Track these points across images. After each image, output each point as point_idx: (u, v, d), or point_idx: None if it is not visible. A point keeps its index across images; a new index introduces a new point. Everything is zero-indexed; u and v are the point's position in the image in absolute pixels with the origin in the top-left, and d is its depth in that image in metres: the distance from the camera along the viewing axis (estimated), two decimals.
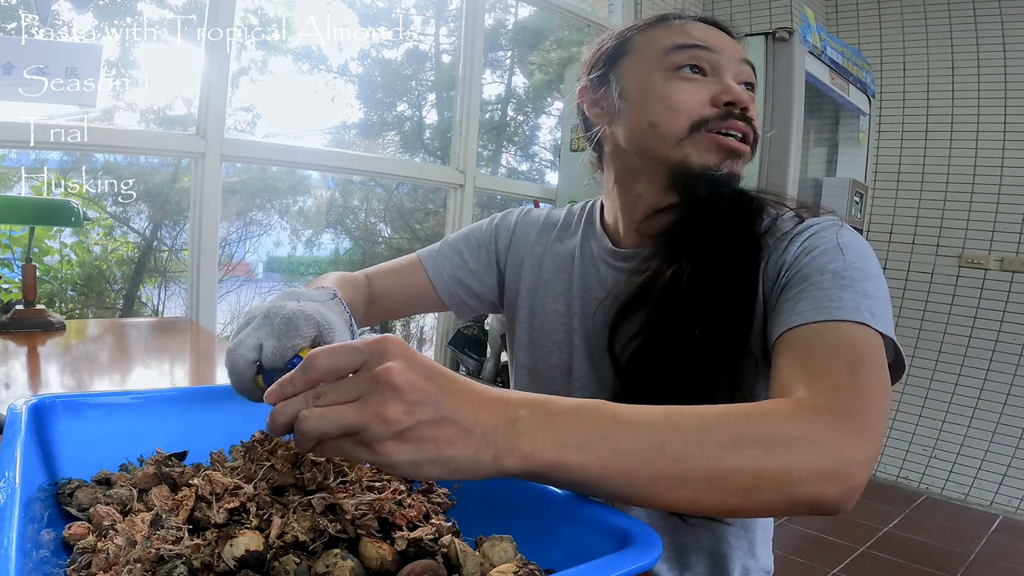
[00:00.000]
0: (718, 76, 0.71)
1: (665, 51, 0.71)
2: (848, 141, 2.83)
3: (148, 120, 2.30)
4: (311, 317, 0.52)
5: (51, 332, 1.27)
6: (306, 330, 0.51)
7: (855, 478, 0.45)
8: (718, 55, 0.71)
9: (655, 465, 0.41)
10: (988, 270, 2.84)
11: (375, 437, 0.37)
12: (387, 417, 0.36)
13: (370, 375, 0.38)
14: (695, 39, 0.71)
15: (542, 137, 3.53)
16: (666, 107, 0.70)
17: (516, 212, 0.92)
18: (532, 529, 0.43)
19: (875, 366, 0.53)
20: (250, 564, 0.36)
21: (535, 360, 0.84)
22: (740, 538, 0.77)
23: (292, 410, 0.38)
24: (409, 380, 0.37)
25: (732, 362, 0.65)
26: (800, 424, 0.46)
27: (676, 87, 0.70)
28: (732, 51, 0.72)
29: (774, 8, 3.00)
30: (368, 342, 0.39)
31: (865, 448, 0.46)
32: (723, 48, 0.72)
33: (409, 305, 0.90)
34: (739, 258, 0.67)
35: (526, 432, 0.40)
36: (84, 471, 0.51)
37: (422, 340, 3.42)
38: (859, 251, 0.63)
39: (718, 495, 0.43)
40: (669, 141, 0.71)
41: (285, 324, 0.51)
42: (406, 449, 0.37)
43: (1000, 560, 2.35)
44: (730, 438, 0.43)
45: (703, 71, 0.71)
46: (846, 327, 0.55)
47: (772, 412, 0.46)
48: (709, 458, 0.42)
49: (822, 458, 0.45)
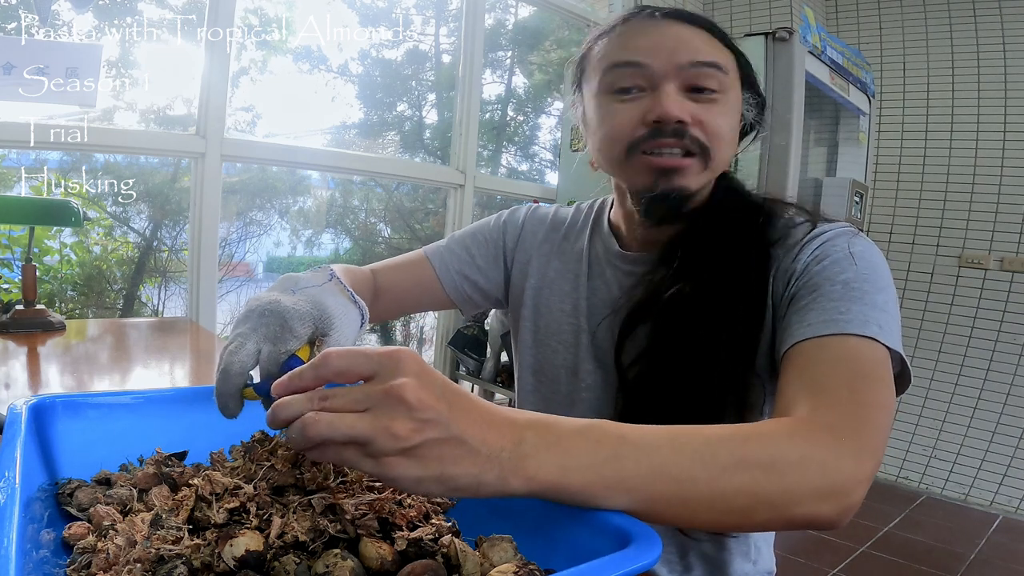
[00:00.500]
0: (656, 89, 0.67)
1: (605, 71, 0.70)
2: (848, 141, 2.82)
3: (148, 120, 2.30)
4: (306, 315, 0.52)
5: (51, 332, 1.27)
6: (301, 331, 0.51)
7: (851, 496, 0.46)
8: (650, 69, 0.67)
9: (657, 487, 0.42)
10: (988, 270, 2.84)
11: (381, 451, 0.36)
12: (396, 433, 0.36)
13: (383, 388, 0.37)
14: (628, 54, 0.68)
15: (542, 137, 3.54)
16: (605, 134, 0.70)
17: (524, 209, 0.91)
18: (532, 529, 0.43)
19: (879, 382, 0.53)
20: (250, 564, 0.36)
21: (540, 360, 0.84)
22: (740, 541, 0.77)
23: (297, 409, 0.38)
24: (421, 398, 0.37)
25: (738, 377, 0.65)
26: (799, 446, 0.46)
27: (611, 111, 0.69)
28: (677, 55, 0.67)
29: (774, 8, 2.99)
30: (383, 353, 0.39)
31: (862, 467, 0.47)
32: (663, 55, 0.67)
33: (415, 301, 0.89)
34: (743, 276, 0.67)
35: (531, 454, 0.40)
36: (84, 471, 0.51)
37: (422, 340, 3.41)
38: (871, 261, 0.62)
39: (717, 515, 0.44)
40: (613, 166, 0.71)
41: (280, 327, 0.50)
42: (410, 465, 0.37)
43: (1000, 560, 2.35)
44: (731, 461, 0.43)
45: (641, 87, 0.68)
46: (853, 341, 0.55)
47: (772, 434, 0.47)
48: (710, 480, 0.43)
49: (820, 478, 0.45)
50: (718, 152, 0.69)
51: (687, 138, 0.67)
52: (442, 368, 2.69)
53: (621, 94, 0.69)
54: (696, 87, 0.67)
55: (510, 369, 2.52)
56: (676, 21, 0.69)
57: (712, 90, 0.68)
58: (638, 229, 0.76)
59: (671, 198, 0.69)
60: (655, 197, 0.69)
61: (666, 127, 0.66)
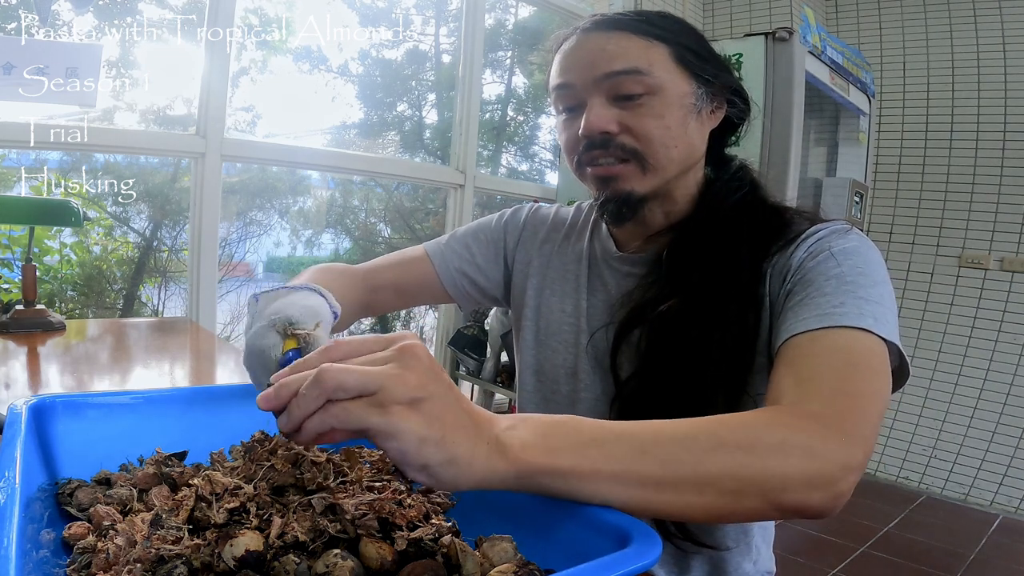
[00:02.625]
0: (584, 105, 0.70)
1: (550, 93, 0.75)
2: (848, 141, 2.82)
3: (148, 120, 2.30)
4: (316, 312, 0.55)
5: (51, 332, 1.27)
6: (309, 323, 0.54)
7: (840, 484, 0.46)
8: (575, 88, 0.70)
9: (642, 468, 0.42)
10: (988, 270, 2.84)
11: (391, 398, 0.37)
12: (407, 380, 0.38)
13: (396, 348, 0.40)
14: (560, 76, 0.72)
15: (542, 137, 3.53)
16: (562, 152, 0.76)
17: (526, 209, 0.91)
18: (532, 529, 0.43)
19: (870, 371, 0.53)
20: (250, 564, 0.36)
21: (541, 360, 0.84)
22: (739, 541, 0.77)
23: (304, 375, 0.39)
24: (431, 359, 0.40)
25: (733, 377, 0.66)
26: (778, 431, 0.46)
27: (561, 131, 0.75)
28: (595, 68, 0.68)
29: (774, 8, 2.99)
30: (391, 335, 0.41)
31: (851, 454, 0.47)
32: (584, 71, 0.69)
33: (414, 296, 0.90)
34: (734, 277, 0.67)
35: (519, 436, 0.42)
36: (84, 471, 0.51)
37: (422, 340, 3.42)
38: (865, 256, 0.63)
39: (705, 499, 0.44)
40: (578, 178, 0.76)
41: (303, 310, 0.54)
42: (416, 419, 0.38)
43: (1000, 560, 2.35)
44: (712, 443, 0.44)
45: (574, 106, 0.72)
46: (846, 333, 0.55)
47: (752, 419, 0.48)
48: (695, 463, 0.43)
49: (806, 464, 0.45)
50: (654, 153, 0.69)
51: (612, 147, 0.70)
52: None
53: (566, 113, 0.73)
54: (620, 95, 0.69)
55: (510, 369, 2.52)
56: (598, 31, 0.70)
57: (637, 94, 0.68)
58: (625, 229, 0.78)
59: (619, 201, 0.72)
60: (604, 203, 0.73)
61: (594, 139, 0.70)
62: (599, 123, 0.68)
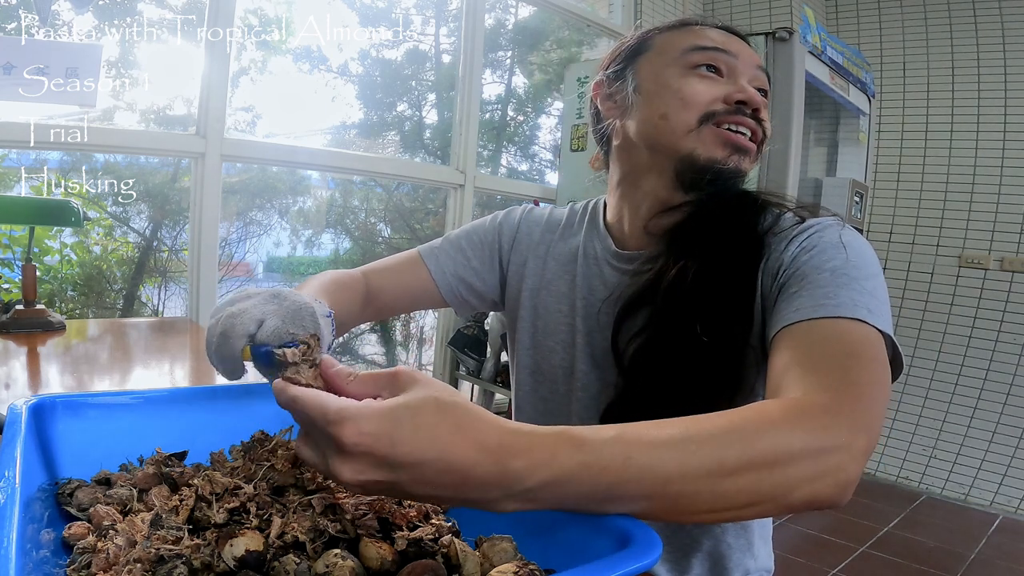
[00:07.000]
0: (734, 78, 0.73)
1: (684, 51, 0.74)
2: (848, 141, 2.82)
3: (148, 120, 2.30)
4: (316, 319, 0.52)
5: (51, 332, 1.27)
6: (310, 325, 0.51)
7: (847, 472, 0.46)
8: (735, 59, 0.74)
9: (664, 503, 0.41)
10: (988, 270, 2.84)
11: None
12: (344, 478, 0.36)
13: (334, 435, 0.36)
14: (714, 42, 0.74)
15: (542, 137, 3.53)
16: (678, 100, 0.72)
17: (519, 210, 0.91)
18: (532, 529, 0.43)
19: (871, 360, 0.53)
20: (250, 564, 0.36)
21: (537, 360, 0.84)
22: (739, 537, 0.77)
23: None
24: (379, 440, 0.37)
25: (734, 359, 0.66)
26: (800, 436, 0.45)
27: (690, 82, 0.73)
28: (749, 57, 0.75)
29: (774, 8, 3.00)
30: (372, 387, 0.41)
31: (857, 441, 0.46)
32: (740, 53, 0.74)
33: (410, 302, 0.89)
34: (743, 257, 0.68)
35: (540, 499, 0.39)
36: (84, 471, 0.51)
37: (422, 340, 3.42)
38: (858, 249, 0.63)
39: (716, 516, 0.43)
40: (679, 133, 0.72)
41: (295, 311, 0.51)
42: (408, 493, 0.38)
43: (1000, 560, 2.35)
44: (739, 464, 0.42)
45: (719, 72, 0.73)
46: (843, 323, 0.56)
47: (774, 425, 0.45)
48: (711, 491, 0.42)
49: (816, 463, 0.45)
50: (763, 147, 0.76)
51: (761, 125, 0.74)
52: (442, 368, 2.69)
53: (704, 70, 0.73)
54: (759, 88, 0.74)
55: None
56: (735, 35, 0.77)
57: (766, 93, 0.75)
58: (643, 221, 0.77)
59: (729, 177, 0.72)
60: (722, 171, 0.72)
61: (747, 108, 0.72)
62: (759, 100, 0.73)
